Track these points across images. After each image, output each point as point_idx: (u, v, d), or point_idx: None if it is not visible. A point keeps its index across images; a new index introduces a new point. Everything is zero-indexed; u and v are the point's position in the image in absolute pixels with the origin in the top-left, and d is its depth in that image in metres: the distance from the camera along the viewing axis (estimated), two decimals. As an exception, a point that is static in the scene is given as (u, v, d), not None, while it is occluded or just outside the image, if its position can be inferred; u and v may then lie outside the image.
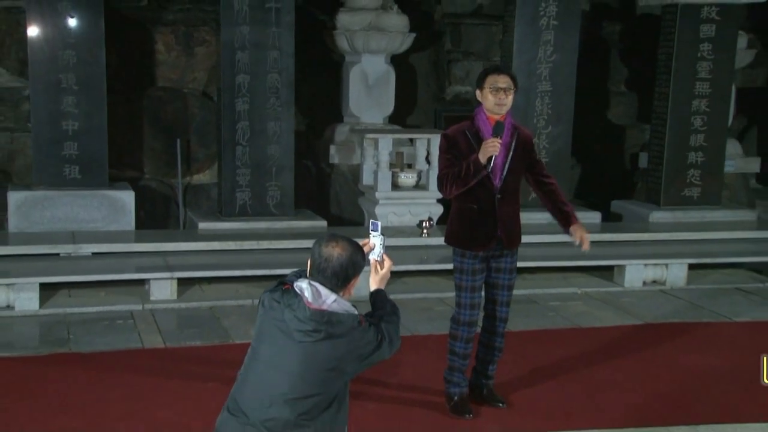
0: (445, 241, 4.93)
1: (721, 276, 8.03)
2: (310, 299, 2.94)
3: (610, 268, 7.76)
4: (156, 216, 8.88)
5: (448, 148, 4.72)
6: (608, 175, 10.41)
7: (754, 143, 11.11)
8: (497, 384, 5.08)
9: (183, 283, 6.94)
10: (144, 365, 5.50)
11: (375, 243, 3.25)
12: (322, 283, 2.98)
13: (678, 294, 7.49)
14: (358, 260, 3.03)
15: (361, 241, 3.17)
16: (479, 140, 4.62)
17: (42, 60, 7.56)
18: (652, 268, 7.65)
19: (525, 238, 4.98)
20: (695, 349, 6.06)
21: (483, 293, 4.89)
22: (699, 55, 8.71)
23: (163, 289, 6.73)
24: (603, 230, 8.43)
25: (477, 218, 4.71)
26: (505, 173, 4.69)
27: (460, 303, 4.82)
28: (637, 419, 4.88)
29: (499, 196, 4.69)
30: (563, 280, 7.70)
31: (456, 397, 4.90)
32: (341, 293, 3.01)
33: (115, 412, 4.76)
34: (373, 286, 3.26)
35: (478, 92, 4.73)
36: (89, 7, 7.56)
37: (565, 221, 4.83)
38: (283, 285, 3.03)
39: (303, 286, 2.97)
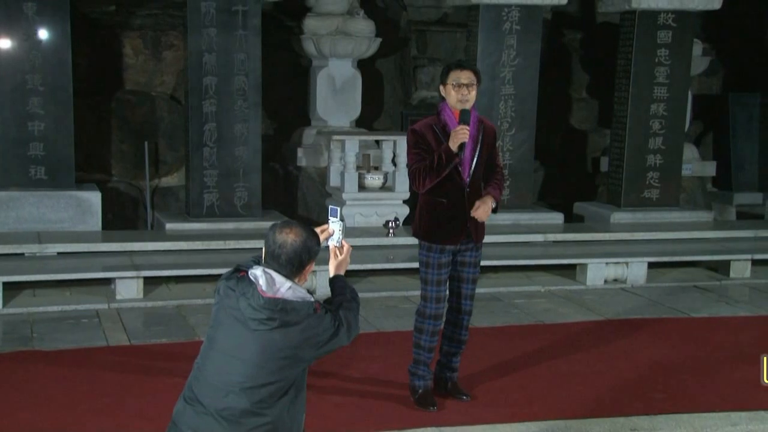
0: (413, 234, 4.85)
1: (679, 274, 8.04)
2: (264, 287, 2.85)
3: (573, 266, 7.73)
4: (124, 218, 8.74)
5: (416, 143, 4.63)
6: (571, 178, 10.43)
7: (710, 148, 11.21)
8: (461, 378, 5.02)
9: (149, 282, 6.80)
10: (109, 362, 5.35)
11: (334, 229, 3.16)
12: (276, 270, 2.89)
13: (638, 291, 7.48)
14: (312, 246, 2.95)
15: (319, 228, 3.09)
16: (446, 134, 4.54)
17: (7, 62, 7.40)
18: (613, 267, 7.64)
19: (489, 238, 4.93)
20: (654, 344, 6.04)
21: (447, 287, 4.83)
22: (656, 60, 8.74)
23: (129, 288, 6.59)
24: (566, 230, 8.42)
25: (447, 212, 4.63)
26: (473, 167, 4.64)
27: (426, 296, 4.75)
28: (599, 410, 4.83)
29: (468, 189, 4.63)
30: (527, 279, 7.66)
31: (421, 390, 4.82)
32: (296, 280, 2.93)
33: (80, 408, 4.63)
34: (332, 272, 3.18)
35: (441, 88, 4.68)
36: (55, 9, 7.40)
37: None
38: (239, 272, 2.94)
39: (257, 273, 2.88)
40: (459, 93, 4.56)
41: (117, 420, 4.49)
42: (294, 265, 2.90)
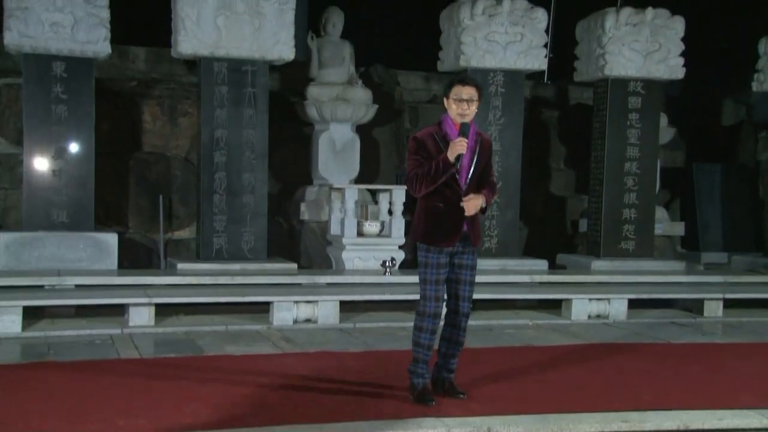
0: (411, 238, 4.70)
1: (657, 313, 7.85)
2: None
3: (558, 304, 7.55)
4: (139, 265, 8.54)
5: (417, 150, 4.52)
6: (551, 238, 10.34)
7: (677, 214, 11.20)
8: (457, 383, 4.77)
9: (160, 313, 6.59)
10: (118, 370, 5.10)
11: None
12: None
13: (620, 326, 7.27)
14: None
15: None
16: (446, 143, 4.44)
17: (36, 116, 7.38)
18: (596, 303, 7.46)
19: (478, 278, 4.76)
20: (639, 359, 5.83)
21: (445, 288, 4.65)
22: (628, 123, 8.80)
23: (141, 315, 6.37)
24: (551, 273, 8.27)
25: (443, 216, 4.50)
26: (470, 175, 4.53)
27: (426, 296, 4.56)
28: (590, 406, 4.60)
29: (464, 196, 4.52)
30: (515, 314, 7.47)
31: (420, 387, 4.58)
32: None
33: (91, 405, 4.37)
34: None
35: (444, 100, 4.61)
36: (79, 75, 7.43)
37: None
38: None
39: None
40: (459, 107, 4.48)
41: (125, 413, 4.22)
42: None
